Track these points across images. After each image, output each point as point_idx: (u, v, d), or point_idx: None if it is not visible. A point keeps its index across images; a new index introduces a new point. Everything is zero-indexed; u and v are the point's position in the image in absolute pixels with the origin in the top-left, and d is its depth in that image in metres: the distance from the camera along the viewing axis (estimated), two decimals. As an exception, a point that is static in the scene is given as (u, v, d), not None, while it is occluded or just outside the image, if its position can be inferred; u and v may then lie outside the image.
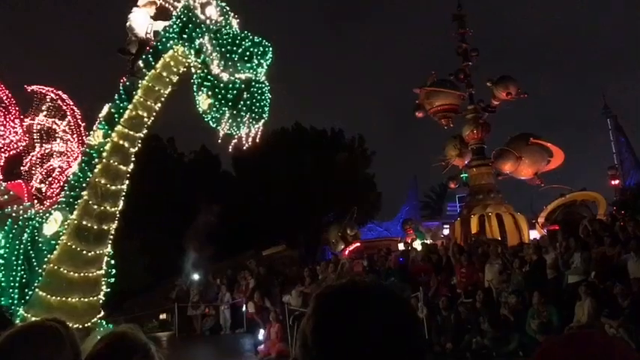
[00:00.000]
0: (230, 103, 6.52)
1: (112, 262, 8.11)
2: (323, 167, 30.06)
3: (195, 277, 20.42)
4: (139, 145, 7.89)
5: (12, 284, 7.56)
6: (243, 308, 17.64)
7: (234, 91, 6.53)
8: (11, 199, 8.52)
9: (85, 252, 7.52)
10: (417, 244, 21.98)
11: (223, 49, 6.72)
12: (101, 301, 7.99)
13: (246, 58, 6.68)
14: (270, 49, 6.86)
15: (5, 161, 8.86)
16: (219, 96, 6.55)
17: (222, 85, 6.56)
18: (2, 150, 8.69)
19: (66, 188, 7.98)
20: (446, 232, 26.92)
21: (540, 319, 11.31)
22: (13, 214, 8.16)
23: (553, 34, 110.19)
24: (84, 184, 7.57)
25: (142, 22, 7.88)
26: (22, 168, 9.11)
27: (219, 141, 6.89)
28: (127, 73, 7.86)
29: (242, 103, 6.52)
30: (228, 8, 7.09)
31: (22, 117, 8.71)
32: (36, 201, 8.79)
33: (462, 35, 23.60)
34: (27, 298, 7.43)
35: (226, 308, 18.23)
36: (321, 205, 29.91)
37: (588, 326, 10.59)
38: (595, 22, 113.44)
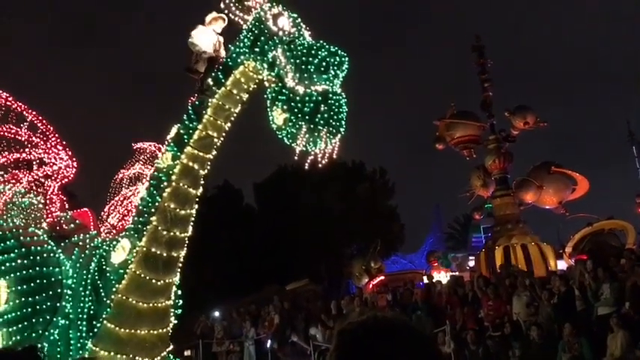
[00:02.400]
0: (307, 117, 6.15)
1: (179, 292, 7.72)
2: (344, 200, 30.02)
3: (217, 313, 20.36)
4: (209, 167, 7.51)
5: (80, 316, 7.23)
6: (268, 344, 17.51)
7: (312, 104, 6.16)
8: (77, 228, 8.28)
9: (154, 281, 7.14)
10: (442, 276, 21.70)
11: (298, 61, 6.34)
12: (170, 334, 7.58)
13: (322, 69, 6.30)
14: (346, 59, 6.46)
15: (60, 189, 8.71)
16: (296, 110, 6.18)
17: (298, 98, 6.20)
18: (53, 178, 8.54)
19: (134, 214, 7.65)
20: (471, 263, 26.55)
21: (572, 353, 11.02)
22: (80, 243, 7.90)
23: (575, 60, 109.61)
24: (152, 209, 7.22)
25: (206, 37, 7.60)
26: (103, 213, 8.98)
27: (296, 157, 6.51)
28: (196, 93, 7.56)
29: (319, 116, 6.15)
30: (300, 20, 6.79)
31: (64, 143, 8.60)
32: (103, 228, 8.64)
33: (482, 66, 23.70)
34: (95, 330, 7.06)
35: (251, 344, 18.10)
36: (343, 238, 29.78)
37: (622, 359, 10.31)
38: (618, 46, 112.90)
